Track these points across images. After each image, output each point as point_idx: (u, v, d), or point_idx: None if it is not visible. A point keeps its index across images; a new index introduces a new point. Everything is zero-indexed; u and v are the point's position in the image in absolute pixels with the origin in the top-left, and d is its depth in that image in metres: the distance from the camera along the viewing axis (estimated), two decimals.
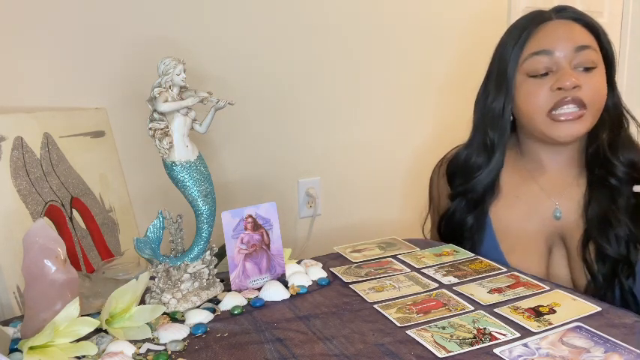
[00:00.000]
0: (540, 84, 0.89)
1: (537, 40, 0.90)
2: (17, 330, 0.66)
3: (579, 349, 0.60)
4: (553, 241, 0.94)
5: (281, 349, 0.63)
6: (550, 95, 0.88)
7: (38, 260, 0.63)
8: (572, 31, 0.90)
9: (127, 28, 1.16)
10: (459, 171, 1.02)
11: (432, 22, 1.57)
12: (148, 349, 0.63)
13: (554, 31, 0.90)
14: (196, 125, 0.74)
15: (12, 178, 0.87)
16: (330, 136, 1.46)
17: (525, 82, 0.91)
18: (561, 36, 0.89)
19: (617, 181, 0.90)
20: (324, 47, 1.41)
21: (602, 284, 0.88)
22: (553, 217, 0.94)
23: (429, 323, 0.67)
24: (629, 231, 0.87)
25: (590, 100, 0.87)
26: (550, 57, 0.88)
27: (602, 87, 0.90)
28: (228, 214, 0.78)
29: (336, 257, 0.93)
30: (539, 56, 0.89)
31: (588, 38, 0.90)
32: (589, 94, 0.87)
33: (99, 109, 1.11)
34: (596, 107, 0.89)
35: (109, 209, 1.07)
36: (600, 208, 0.90)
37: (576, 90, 0.86)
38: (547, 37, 0.90)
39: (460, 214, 1.00)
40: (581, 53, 0.88)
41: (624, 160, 0.90)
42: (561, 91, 0.87)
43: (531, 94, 0.90)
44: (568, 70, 0.87)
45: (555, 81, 0.87)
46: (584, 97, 0.86)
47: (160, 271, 0.73)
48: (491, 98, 0.96)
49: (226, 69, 1.28)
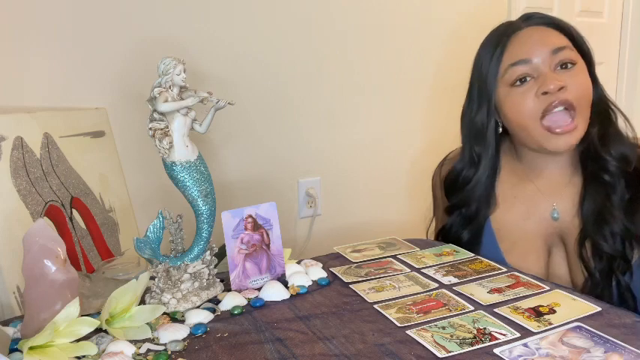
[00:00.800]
0: (524, 92, 0.89)
1: (513, 51, 0.91)
2: (17, 330, 0.66)
3: (579, 349, 0.60)
4: (552, 241, 0.94)
5: (281, 349, 0.63)
6: (537, 101, 0.87)
7: (38, 260, 0.63)
8: (545, 35, 0.90)
9: (127, 28, 1.16)
10: (452, 185, 1.03)
11: (432, 22, 1.57)
12: (148, 349, 0.63)
13: (528, 39, 0.90)
14: (196, 125, 0.74)
15: (12, 178, 0.87)
16: (330, 136, 1.46)
17: (510, 94, 0.91)
18: (536, 42, 0.89)
19: (610, 177, 0.89)
20: (324, 47, 1.41)
21: (599, 281, 0.88)
22: (551, 218, 0.94)
23: (429, 323, 0.67)
24: (624, 227, 0.87)
25: (576, 98, 0.87)
26: (529, 65, 0.88)
27: (587, 82, 0.89)
28: (228, 214, 0.78)
29: (336, 257, 0.93)
30: (518, 66, 0.89)
31: (562, 40, 0.90)
32: (575, 93, 0.87)
33: (99, 109, 1.11)
34: (584, 104, 0.88)
35: (109, 209, 1.07)
36: (595, 205, 0.90)
37: (562, 91, 0.86)
38: (522, 46, 0.90)
39: (456, 228, 1.01)
40: (559, 54, 0.88)
41: (615, 154, 0.90)
42: (547, 95, 0.86)
43: (518, 104, 0.89)
44: (549, 73, 0.87)
45: (539, 86, 0.87)
46: (571, 96, 0.86)
47: (160, 271, 0.73)
48: (474, 112, 0.97)
49: (226, 69, 1.28)
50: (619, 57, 2.13)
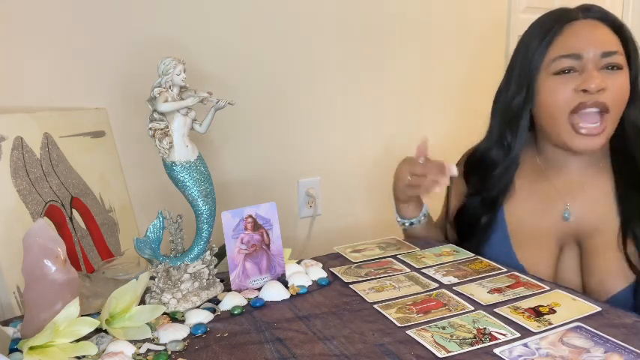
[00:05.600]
0: (565, 83, 0.87)
1: (564, 42, 0.89)
2: (17, 330, 0.66)
3: (579, 349, 0.60)
4: (565, 241, 0.93)
5: (281, 349, 0.63)
6: (574, 96, 0.86)
7: (38, 260, 0.63)
8: (600, 33, 0.88)
9: (127, 28, 1.16)
10: (475, 167, 1.02)
11: (431, 22, 1.57)
12: (148, 349, 0.63)
13: (582, 33, 0.88)
14: (196, 125, 0.74)
15: (12, 178, 0.87)
16: (331, 136, 1.46)
17: (549, 80, 0.89)
18: (589, 38, 0.87)
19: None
20: (324, 47, 1.41)
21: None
22: (562, 218, 0.93)
23: (429, 323, 0.67)
24: None
25: (613, 102, 0.86)
26: (578, 60, 0.87)
27: (626, 89, 0.88)
28: (228, 214, 0.78)
29: (336, 257, 0.93)
30: (567, 59, 0.87)
31: (615, 42, 0.88)
32: (613, 97, 0.86)
33: (99, 109, 1.11)
34: (618, 110, 0.88)
35: (109, 209, 1.07)
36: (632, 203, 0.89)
37: (600, 93, 0.85)
38: (575, 39, 0.88)
39: (474, 211, 1.00)
40: (609, 58, 0.86)
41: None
42: (586, 93, 0.85)
43: (555, 93, 0.88)
44: (594, 72, 0.85)
45: (581, 82, 0.86)
46: (608, 100, 0.85)
47: (160, 271, 0.73)
48: (511, 94, 0.95)
49: (226, 69, 1.28)
50: None
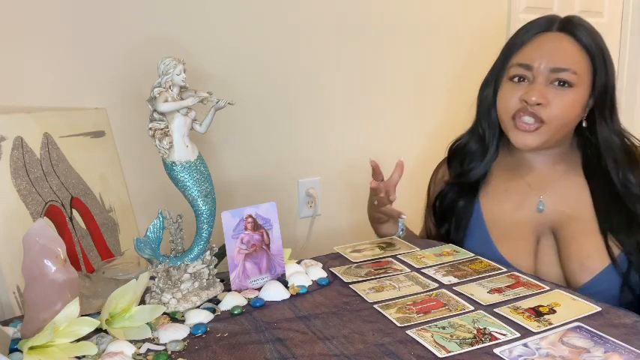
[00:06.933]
0: (514, 89, 0.95)
1: (525, 51, 0.96)
2: (17, 330, 0.66)
3: (579, 349, 0.60)
4: (541, 231, 0.97)
5: (281, 349, 0.63)
6: (517, 103, 0.94)
7: (38, 260, 0.63)
8: (559, 49, 0.93)
9: (127, 28, 1.16)
10: (457, 154, 1.09)
11: (431, 22, 1.57)
12: (148, 349, 0.63)
13: (543, 45, 0.94)
14: (196, 125, 0.74)
15: (12, 178, 0.87)
16: (330, 136, 1.46)
17: (505, 83, 0.98)
18: (545, 52, 0.93)
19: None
20: (324, 47, 1.41)
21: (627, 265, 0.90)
22: (536, 210, 0.98)
23: (429, 323, 0.67)
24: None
25: (550, 117, 0.91)
26: (529, 71, 0.93)
27: (570, 107, 0.92)
28: (228, 214, 0.78)
29: (336, 257, 0.93)
30: (519, 67, 0.95)
31: (573, 60, 0.92)
32: (552, 113, 0.91)
33: (99, 109, 1.11)
34: (556, 124, 0.93)
35: (109, 209, 1.07)
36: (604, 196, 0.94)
37: (539, 107, 0.91)
38: (533, 50, 0.95)
39: (453, 195, 1.06)
40: (558, 74, 0.91)
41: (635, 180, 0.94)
42: (526, 103, 0.92)
43: (505, 96, 0.97)
44: (539, 85, 0.92)
45: (525, 92, 0.92)
46: (545, 114, 0.91)
47: (160, 271, 0.73)
48: (485, 85, 1.03)
49: (226, 69, 1.28)
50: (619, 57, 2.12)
